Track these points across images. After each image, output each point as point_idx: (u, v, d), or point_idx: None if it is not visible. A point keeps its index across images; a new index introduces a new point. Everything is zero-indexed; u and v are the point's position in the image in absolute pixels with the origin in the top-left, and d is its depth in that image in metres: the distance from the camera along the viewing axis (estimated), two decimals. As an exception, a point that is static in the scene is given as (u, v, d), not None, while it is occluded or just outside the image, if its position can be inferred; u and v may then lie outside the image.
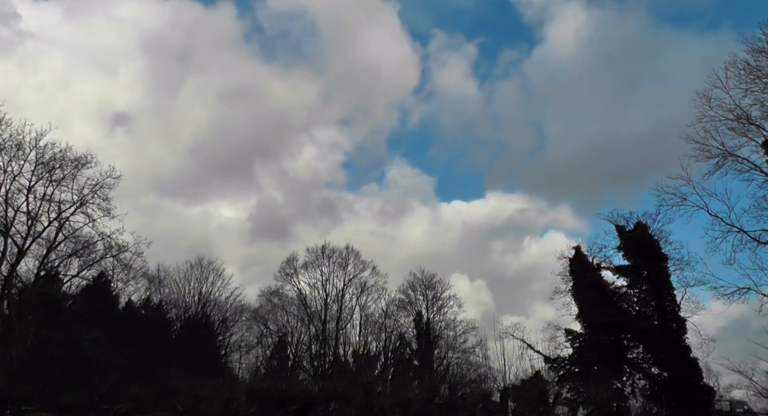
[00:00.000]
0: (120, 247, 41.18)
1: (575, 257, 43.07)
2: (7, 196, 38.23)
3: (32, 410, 30.04)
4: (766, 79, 25.45)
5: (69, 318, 39.55)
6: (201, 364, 43.76)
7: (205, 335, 52.99)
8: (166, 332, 51.65)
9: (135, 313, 50.66)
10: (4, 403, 30.13)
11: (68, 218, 39.99)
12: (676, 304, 39.98)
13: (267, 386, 33.67)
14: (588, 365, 40.65)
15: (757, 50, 25.46)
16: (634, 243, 41.42)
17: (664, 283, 40.49)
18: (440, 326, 58.01)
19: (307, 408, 30.51)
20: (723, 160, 26.61)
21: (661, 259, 40.78)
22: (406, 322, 58.38)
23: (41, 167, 38.78)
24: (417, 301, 58.68)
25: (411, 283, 59.23)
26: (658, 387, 39.09)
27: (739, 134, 26.39)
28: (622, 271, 42.27)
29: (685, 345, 38.94)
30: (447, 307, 58.39)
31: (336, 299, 58.40)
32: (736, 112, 26.09)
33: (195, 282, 55.37)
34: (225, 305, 56.01)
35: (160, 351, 44.36)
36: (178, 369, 34.14)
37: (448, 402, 32.44)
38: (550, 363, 43.61)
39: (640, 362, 40.28)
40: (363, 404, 30.69)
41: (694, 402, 37.04)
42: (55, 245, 40.55)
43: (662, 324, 39.76)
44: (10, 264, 38.26)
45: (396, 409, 31.51)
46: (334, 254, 59.28)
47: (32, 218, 38.86)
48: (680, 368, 37.90)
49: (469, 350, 56.72)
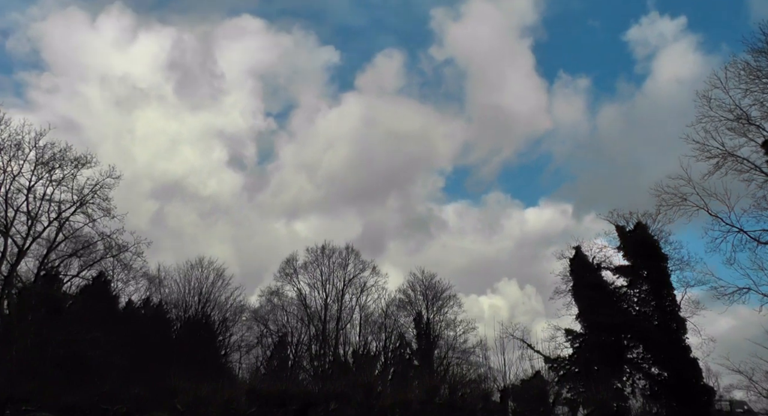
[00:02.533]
0: (120, 247, 41.22)
1: (575, 257, 43.08)
2: (7, 196, 38.22)
3: (32, 410, 30.07)
4: (766, 80, 25.47)
5: (69, 319, 39.53)
6: (201, 364, 43.75)
7: (205, 335, 52.96)
8: (166, 332, 51.60)
9: (135, 313, 50.62)
10: (4, 403, 30.12)
11: (68, 218, 40.00)
12: (676, 304, 40.01)
13: (267, 386, 33.72)
14: (588, 365, 40.68)
15: (756, 51, 25.52)
16: (634, 243, 41.44)
17: (664, 283, 40.51)
18: (440, 326, 58.06)
19: (307, 408, 30.55)
20: (723, 160, 26.59)
21: (661, 259, 40.80)
22: (406, 322, 58.40)
23: (41, 167, 38.76)
24: (417, 301, 58.69)
25: (411, 283, 59.33)
26: (658, 387, 39.11)
27: (739, 134, 26.39)
28: (622, 271, 42.30)
29: (685, 345, 38.95)
30: (447, 307, 58.50)
31: (336, 299, 58.41)
32: (736, 113, 26.11)
33: (195, 282, 55.35)
34: (225, 305, 55.99)
35: (160, 351, 44.31)
36: (178, 369, 34.10)
37: (448, 402, 32.52)
38: (550, 363, 43.66)
39: (640, 362, 40.30)
40: (363, 404, 30.73)
41: (694, 402, 37.06)
42: (55, 245, 40.56)
43: (662, 324, 39.77)
44: (10, 264, 38.24)
45: (396, 409, 31.53)
46: (334, 254, 59.30)
47: (32, 218, 38.86)
48: (680, 368, 37.92)
49: (469, 350, 56.76)
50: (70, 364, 36.02)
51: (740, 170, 26.53)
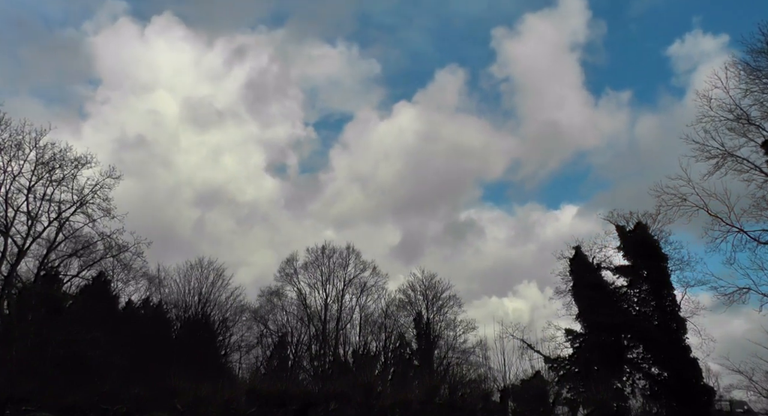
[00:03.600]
0: (120, 247, 41.24)
1: (575, 257, 43.05)
2: (7, 196, 38.24)
3: (32, 410, 30.05)
4: (766, 80, 25.51)
5: (69, 319, 39.54)
6: (201, 364, 43.74)
7: (205, 335, 52.97)
8: (166, 332, 51.62)
9: (135, 313, 50.63)
10: (4, 403, 30.10)
11: (68, 218, 40.02)
12: (676, 304, 39.98)
13: (267, 386, 33.66)
14: (588, 365, 40.67)
15: (756, 51, 25.56)
16: (634, 243, 41.42)
17: (664, 283, 40.49)
18: (440, 326, 58.07)
19: (307, 408, 30.54)
20: (723, 160, 26.61)
21: (661, 259, 40.77)
22: (406, 322, 58.43)
23: (41, 167, 38.77)
24: (417, 301, 58.73)
25: (411, 283, 59.35)
26: (658, 387, 39.10)
27: (739, 134, 26.41)
28: (622, 271, 42.27)
29: (685, 345, 38.92)
30: (447, 307, 58.49)
31: (336, 299, 58.46)
32: (736, 113, 26.14)
33: (195, 282, 55.37)
34: (225, 305, 56.01)
35: (160, 351, 44.32)
36: (178, 369, 34.07)
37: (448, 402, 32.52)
38: (550, 363, 43.67)
39: (640, 362, 40.29)
40: (363, 404, 30.71)
41: (694, 402, 37.04)
42: (55, 245, 40.58)
43: (662, 324, 39.75)
44: (10, 264, 38.25)
45: (396, 409, 31.52)
46: (335, 254, 59.38)
47: (32, 218, 38.86)
48: (680, 368, 37.91)
49: (469, 350, 56.76)
50: (70, 364, 36.02)
51: (740, 170, 26.56)
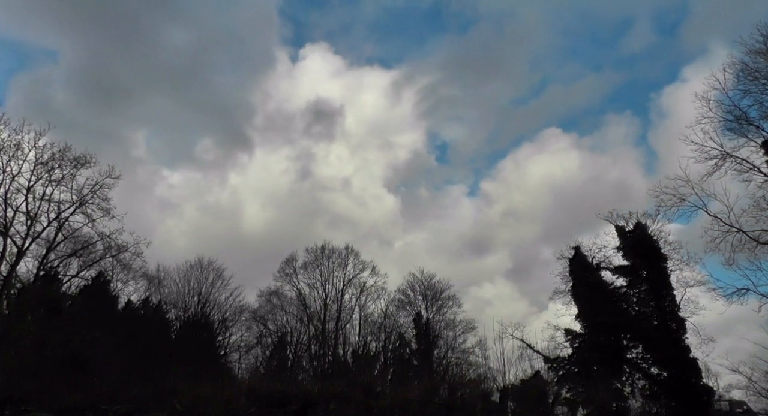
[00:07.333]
0: (119, 247, 41.29)
1: (575, 257, 43.05)
2: (7, 196, 38.29)
3: (32, 410, 30.01)
4: (764, 80, 25.56)
5: (68, 318, 39.56)
6: (201, 364, 43.67)
7: (204, 335, 52.94)
8: (165, 332, 51.57)
9: (134, 313, 50.60)
10: (4, 403, 30.11)
11: (68, 218, 40.07)
12: (675, 304, 39.96)
13: (267, 386, 33.65)
14: (588, 365, 40.66)
15: (755, 52, 25.61)
16: (634, 243, 41.41)
17: (663, 283, 40.47)
18: (440, 326, 58.06)
19: (306, 408, 30.52)
20: (722, 160, 26.73)
21: (660, 259, 40.77)
22: (406, 322, 58.39)
23: (40, 167, 38.84)
24: (416, 301, 58.72)
25: (410, 283, 59.33)
26: (657, 387, 39.09)
27: (738, 135, 26.56)
28: (622, 271, 42.24)
29: (685, 345, 38.91)
30: (447, 307, 58.48)
31: (335, 299, 58.41)
32: (735, 113, 26.31)
33: (195, 282, 55.31)
34: (225, 305, 55.98)
35: (159, 351, 44.27)
36: (177, 369, 34.13)
37: (447, 402, 32.46)
38: (550, 363, 43.65)
39: (640, 362, 40.28)
40: (362, 404, 30.71)
41: (694, 402, 37.05)
42: (55, 245, 40.59)
43: (662, 324, 39.75)
44: (10, 264, 38.27)
45: (396, 409, 31.48)
46: (334, 254, 59.32)
47: (31, 218, 38.87)
48: (680, 368, 37.92)
49: (468, 350, 56.76)
50: (69, 364, 36.01)
51: (739, 170, 26.68)
